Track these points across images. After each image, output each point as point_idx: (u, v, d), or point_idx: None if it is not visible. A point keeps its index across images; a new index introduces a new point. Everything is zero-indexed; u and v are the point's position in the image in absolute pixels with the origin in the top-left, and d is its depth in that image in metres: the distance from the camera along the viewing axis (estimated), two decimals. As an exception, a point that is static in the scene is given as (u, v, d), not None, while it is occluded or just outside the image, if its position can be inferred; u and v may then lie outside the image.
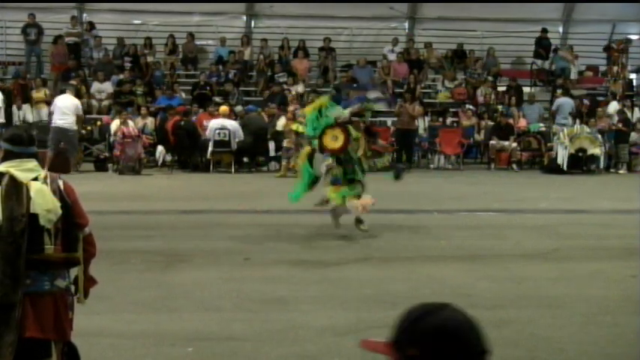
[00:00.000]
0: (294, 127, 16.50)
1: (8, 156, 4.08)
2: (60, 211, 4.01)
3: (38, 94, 19.41)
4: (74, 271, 4.25)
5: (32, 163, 4.09)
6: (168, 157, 18.37)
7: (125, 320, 6.36)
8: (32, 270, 3.96)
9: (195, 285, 7.49)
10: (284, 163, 16.83)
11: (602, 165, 19.06)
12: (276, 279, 7.77)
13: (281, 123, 17.49)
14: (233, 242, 9.63)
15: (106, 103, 20.27)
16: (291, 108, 17.31)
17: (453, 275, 8.06)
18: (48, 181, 4.06)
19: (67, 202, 4.07)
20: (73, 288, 4.22)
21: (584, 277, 8.08)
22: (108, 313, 6.44)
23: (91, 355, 5.33)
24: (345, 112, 10.08)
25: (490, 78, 22.41)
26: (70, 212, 4.08)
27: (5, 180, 3.97)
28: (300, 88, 20.69)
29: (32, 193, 3.96)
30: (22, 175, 4.00)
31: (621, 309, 6.86)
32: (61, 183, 4.12)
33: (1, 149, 4.15)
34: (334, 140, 9.83)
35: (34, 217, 3.94)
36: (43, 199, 3.97)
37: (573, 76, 23.00)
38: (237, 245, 9.40)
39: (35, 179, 4.03)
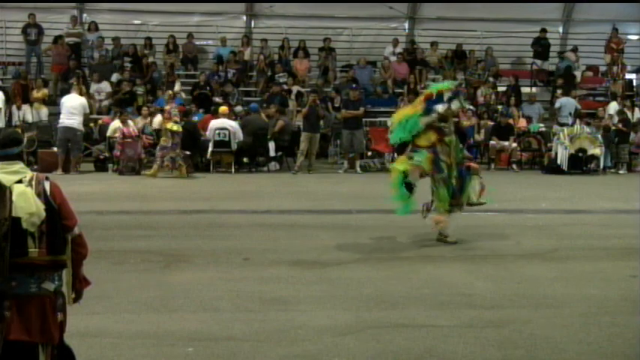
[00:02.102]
0: (168, 125, 16.46)
1: None
2: (43, 214, 3.95)
3: (37, 94, 19.41)
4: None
5: (16, 165, 4.05)
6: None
7: (125, 320, 6.35)
8: (18, 273, 3.93)
9: (194, 285, 7.49)
10: (158, 162, 16.54)
11: (602, 165, 19.08)
12: (275, 279, 7.78)
13: (157, 121, 17.19)
14: (233, 242, 9.64)
15: (105, 103, 20.28)
16: (167, 107, 17.10)
17: (453, 275, 8.06)
18: (33, 183, 4.01)
19: (53, 204, 4.03)
20: (64, 290, 4.18)
21: (584, 277, 8.08)
22: (108, 313, 6.44)
23: (91, 355, 5.34)
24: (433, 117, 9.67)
25: (490, 79, 22.41)
26: (57, 214, 4.04)
27: None
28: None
29: (14, 197, 3.92)
30: (5, 178, 3.96)
31: (621, 309, 6.86)
32: (47, 185, 4.07)
33: None
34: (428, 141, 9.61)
35: (17, 220, 3.90)
36: (25, 203, 3.93)
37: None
38: (237, 245, 9.41)
39: (20, 182, 3.99)
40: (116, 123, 17.54)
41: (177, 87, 19.50)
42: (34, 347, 4.01)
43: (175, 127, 16.43)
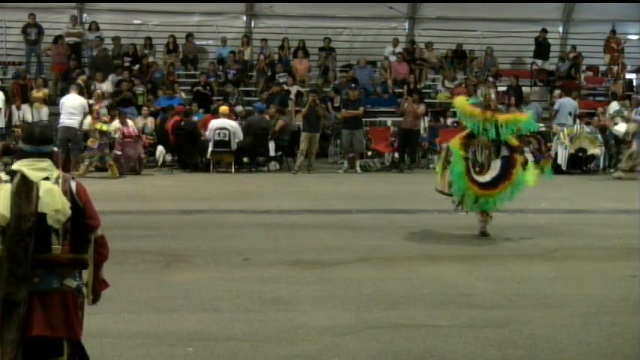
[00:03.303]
0: (98, 126, 16.42)
1: (22, 154, 4.11)
2: (69, 212, 4.01)
3: (37, 94, 19.39)
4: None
5: (45, 163, 4.10)
6: (169, 157, 18.36)
7: (125, 320, 6.36)
8: (40, 269, 3.97)
9: (194, 285, 7.50)
10: (86, 162, 16.46)
11: (601, 165, 19.06)
12: (275, 279, 7.78)
13: (87, 122, 17.05)
14: (233, 242, 9.64)
15: (106, 103, 20.23)
16: (96, 107, 16.97)
17: (453, 275, 8.06)
18: (60, 181, 4.07)
19: (78, 203, 4.09)
20: (84, 290, 4.21)
21: (584, 277, 8.08)
22: (108, 313, 6.42)
23: (91, 355, 5.31)
24: None
25: (490, 79, 22.38)
26: (82, 213, 4.09)
27: (16, 178, 4.00)
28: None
29: (41, 193, 3.97)
30: (33, 174, 4.02)
31: (621, 309, 6.86)
32: (73, 184, 4.14)
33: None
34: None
35: (43, 216, 3.95)
36: (51, 199, 3.98)
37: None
38: (237, 245, 9.41)
39: (47, 179, 4.04)
40: (115, 123, 17.50)
41: (105, 86, 19.43)
42: (59, 342, 4.04)
43: (105, 128, 16.41)
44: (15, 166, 4.08)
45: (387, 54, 22.99)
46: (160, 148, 18.15)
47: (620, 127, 17.84)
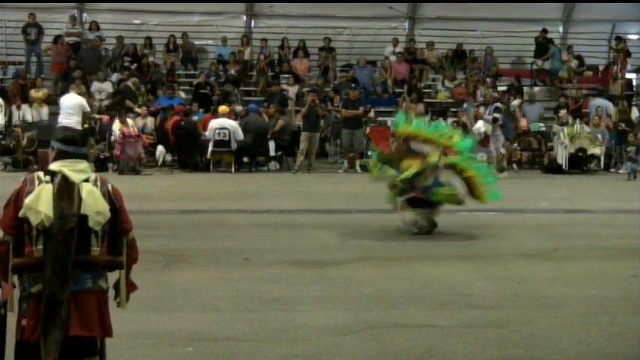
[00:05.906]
0: None
1: (61, 155, 4.13)
2: (109, 214, 4.06)
3: (37, 94, 19.37)
4: (111, 276, 4.26)
5: (83, 165, 4.15)
6: (169, 157, 18.35)
7: (125, 320, 6.31)
8: (76, 269, 4.00)
9: (194, 285, 7.50)
10: None
11: (602, 165, 19.05)
12: (275, 279, 7.78)
13: None
14: (233, 242, 9.64)
15: (106, 102, 20.23)
16: None
17: (453, 275, 8.06)
18: (98, 183, 4.12)
19: (116, 205, 4.13)
20: (111, 292, 4.24)
21: (583, 277, 8.08)
22: (108, 313, 6.44)
23: (90, 355, 5.34)
24: None
25: (488, 79, 22.37)
26: (118, 216, 4.13)
27: (57, 179, 4.02)
28: None
29: (84, 194, 4.01)
30: (74, 176, 4.05)
31: (621, 309, 6.86)
32: (110, 186, 4.17)
33: (53, 149, 4.19)
34: None
35: (84, 218, 3.99)
36: (94, 201, 4.02)
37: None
38: (237, 245, 9.41)
39: (86, 181, 4.07)
40: (116, 123, 17.50)
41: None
42: (93, 341, 4.12)
43: None
44: (54, 167, 4.10)
45: (387, 54, 22.99)
46: (160, 148, 18.14)
47: (480, 126, 17.69)
